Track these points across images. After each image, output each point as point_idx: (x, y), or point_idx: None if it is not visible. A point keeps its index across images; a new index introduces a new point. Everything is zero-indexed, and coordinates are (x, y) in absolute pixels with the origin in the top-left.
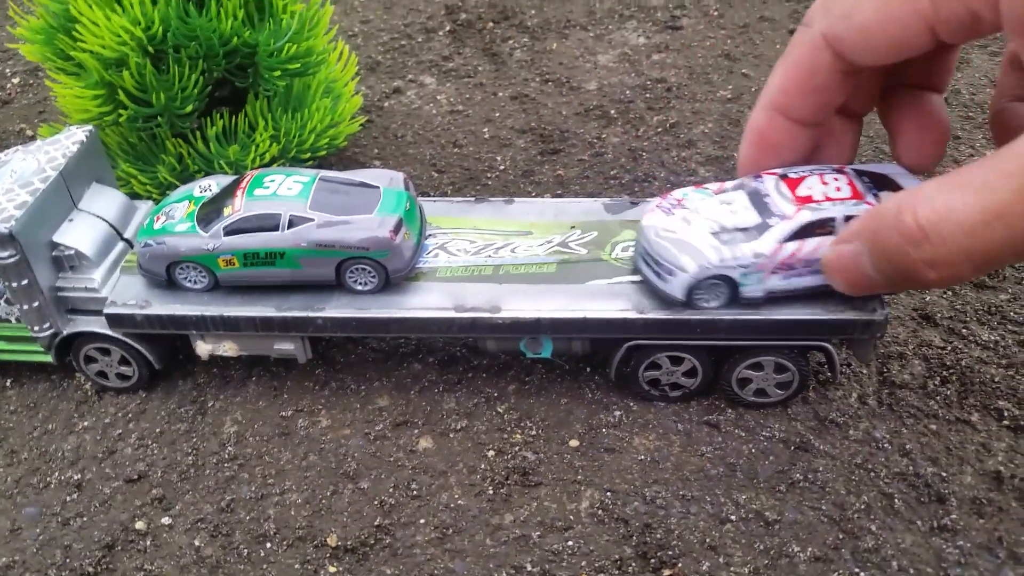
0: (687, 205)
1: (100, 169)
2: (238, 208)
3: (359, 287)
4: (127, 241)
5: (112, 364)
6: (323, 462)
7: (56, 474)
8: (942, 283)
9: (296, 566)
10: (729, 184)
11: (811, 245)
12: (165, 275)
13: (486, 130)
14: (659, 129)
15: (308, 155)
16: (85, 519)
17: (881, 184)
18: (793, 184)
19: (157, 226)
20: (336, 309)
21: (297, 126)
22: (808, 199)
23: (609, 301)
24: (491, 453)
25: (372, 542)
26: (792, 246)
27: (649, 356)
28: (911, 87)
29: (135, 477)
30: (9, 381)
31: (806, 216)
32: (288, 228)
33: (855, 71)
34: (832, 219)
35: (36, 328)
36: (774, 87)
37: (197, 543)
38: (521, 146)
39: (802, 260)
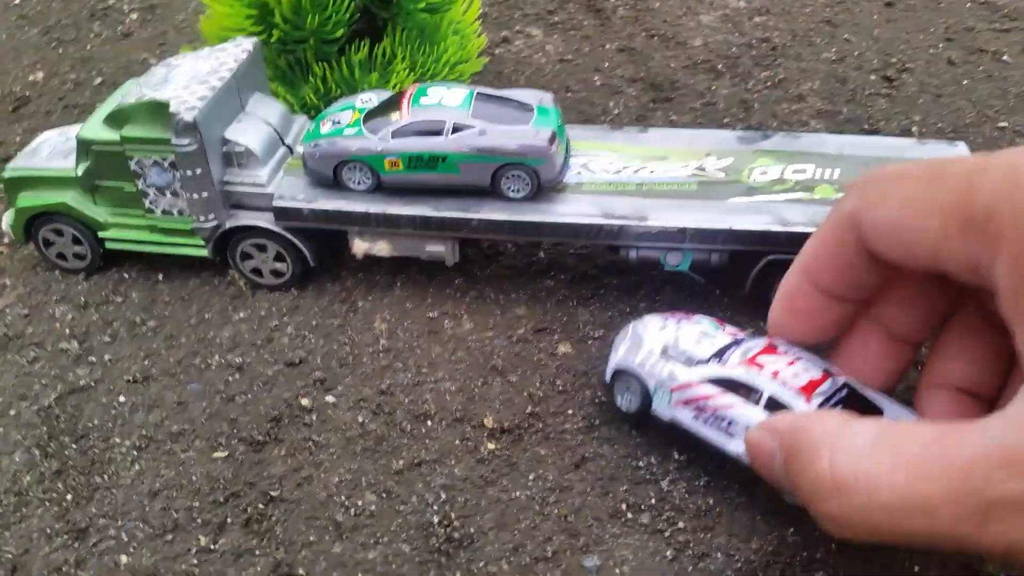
0: (684, 325)
1: (261, 80)
2: (405, 115)
3: (512, 194)
4: (288, 147)
5: (267, 260)
6: (471, 358)
7: (216, 357)
8: (838, 533)
9: (456, 441)
10: (740, 333)
11: (727, 401)
12: (332, 175)
13: (596, 78)
14: (768, 84)
15: None
16: (249, 396)
17: (861, 404)
18: (767, 352)
19: (324, 130)
20: (490, 212)
21: (432, 59)
22: (758, 365)
23: (751, 216)
24: None
25: (526, 426)
26: (709, 389)
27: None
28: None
29: (296, 361)
30: (161, 276)
31: (735, 372)
32: (452, 134)
33: (884, 260)
34: (759, 390)
35: (201, 219)
36: (807, 252)
37: (360, 419)
38: (632, 94)
39: (712, 409)
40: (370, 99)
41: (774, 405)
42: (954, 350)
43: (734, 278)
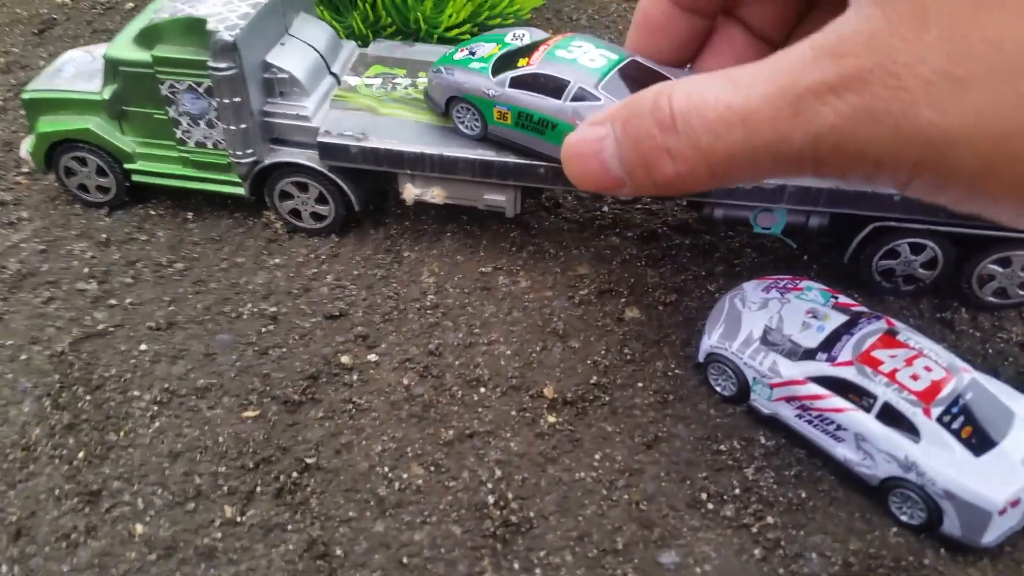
0: (790, 298)
1: (306, 1)
2: (532, 63)
3: None
4: (334, 75)
5: (308, 202)
6: (528, 319)
7: (248, 306)
8: (680, 180)
9: (513, 412)
10: (854, 306)
11: (836, 404)
12: (443, 108)
13: None
14: None
15: (497, 20)
16: (284, 350)
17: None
18: (884, 344)
19: (457, 57)
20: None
21: None
22: (872, 363)
23: None
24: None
25: (591, 398)
26: (815, 390)
27: (890, 241)
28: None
29: (336, 314)
30: (190, 214)
31: (846, 373)
32: (569, 100)
33: None
34: (873, 395)
35: (238, 153)
36: None
37: (406, 381)
38: None
39: (818, 411)
40: (522, 36)
41: (888, 413)
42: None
43: (829, 245)
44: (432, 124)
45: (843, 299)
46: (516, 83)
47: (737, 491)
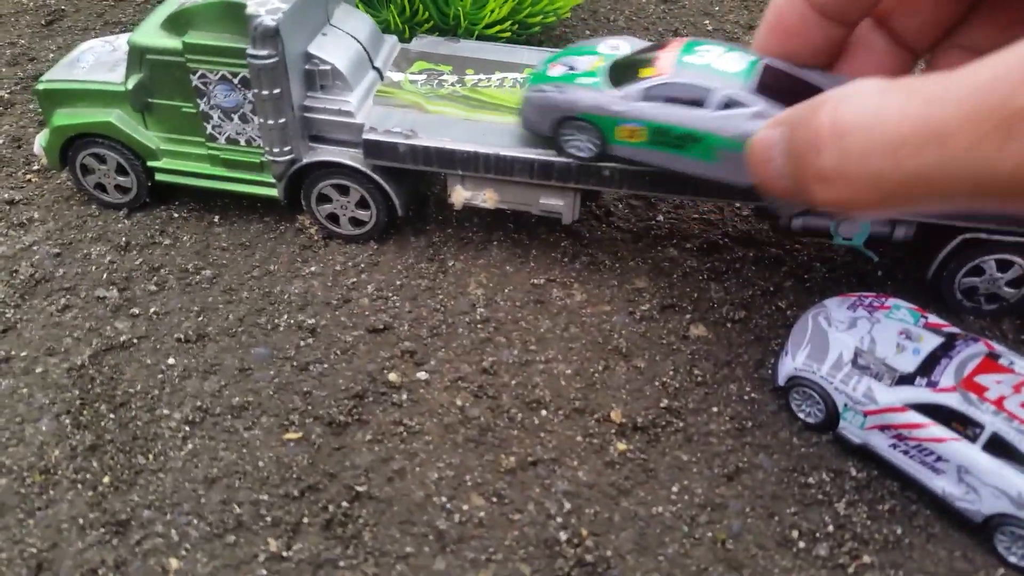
0: (879, 317)
1: None
2: (664, 71)
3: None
4: (377, 70)
5: (348, 206)
6: (587, 335)
7: (285, 317)
8: (840, 204)
9: (578, 438)
10: (946, 326)
11: (937, 434)
12: (549, 130)
13: (707, 22)
14: None
15: (538, 18)
16: (326, 366)
17: None
18: (987, 369)
19: (552, 73)
20: (628, 163)
21: None
22: (977, 389)
23: None
24: (778, 347)
25: (663, 424)
26: (915, 418)
27: (976, 257)
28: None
29: (380, 327)
30: (217, 218)
31: (949, 400)
32: (719, 109)
33: None
34: (980, 424)
35: (276, 150)
36: None
37: (459, 402)
38: (748, 41)
39: (916, 440)
40: (617, 46)
41: (997, 444)
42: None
43: (901, 259)
44: (483, 123)
45: (933, 319)
46: (651, 95)
47: (830, 528)
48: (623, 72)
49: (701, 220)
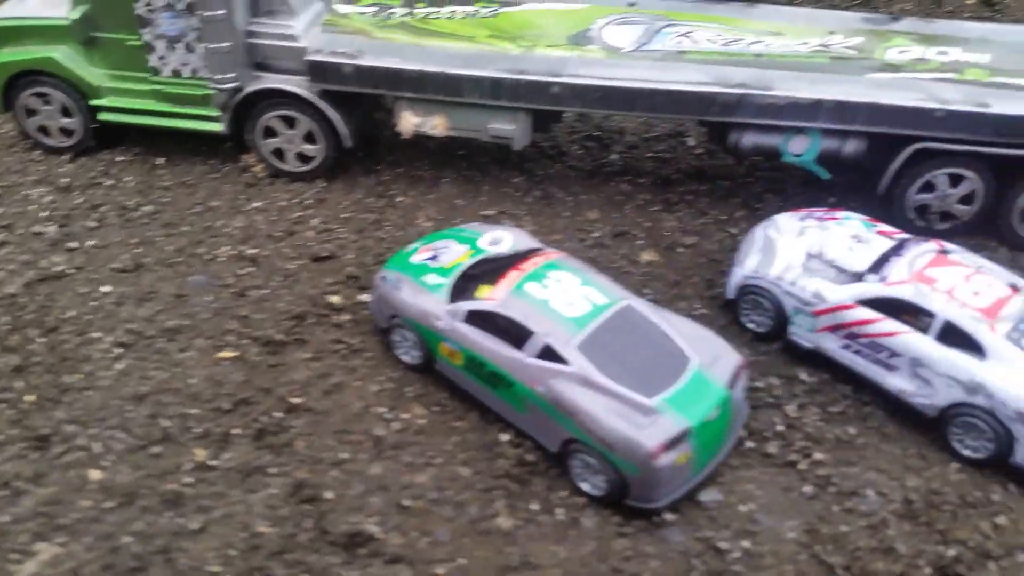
0: (830, 227)
1: None
2: (496, 296)
3: (584, 486)
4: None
5: (294, 140)
6: None
7: (226, 248)
8: None
9: None
10: (898, 233)
11: (889, 328)
12: (384, 322)
13: None
14: None
15: None
16: (266, 291)
17: None
18: (938, 263)
19: (414, 260)
20: (578, 77)
21: None
22: (928, 280)
23: (897, 92)
24: (729, 269)
25: None
26: (866, 314)
27: (928, 171)
28: None
29: (324, 256)
30: (162, 160)
31: (901, 292)
32: (532, 356)
33: None
34: (931, 314)
35: (219, 76)
36: None
37: None
38: None
39: (868, 337)
40: (499, 240)
41: (949, 332)
42: None
43: (856, 184)
44: (431, 47)
45: (884, 227)
46: (473, 318)
47: (779, 428)
48: (467, 283)
49: (655, 158)
